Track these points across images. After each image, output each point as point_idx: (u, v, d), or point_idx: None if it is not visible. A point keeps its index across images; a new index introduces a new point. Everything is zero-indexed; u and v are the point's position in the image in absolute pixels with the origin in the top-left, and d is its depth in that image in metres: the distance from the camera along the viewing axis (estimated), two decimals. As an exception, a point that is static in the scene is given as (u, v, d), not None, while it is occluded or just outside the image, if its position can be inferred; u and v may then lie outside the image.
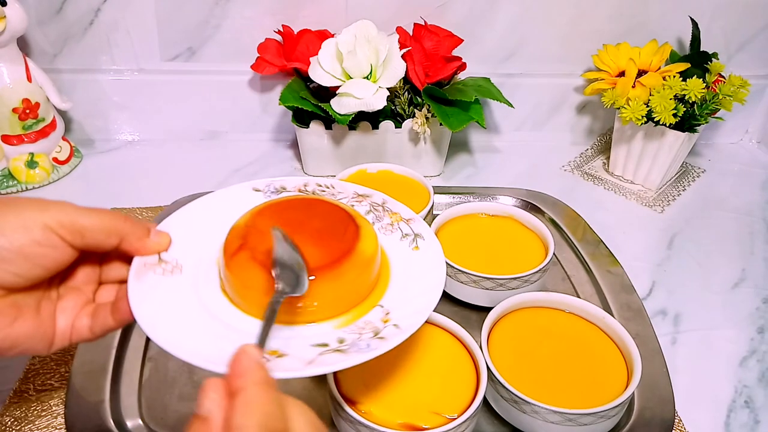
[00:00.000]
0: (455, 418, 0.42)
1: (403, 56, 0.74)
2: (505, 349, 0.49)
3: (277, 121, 0.89)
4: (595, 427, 0.45)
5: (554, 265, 0.66)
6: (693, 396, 0.53)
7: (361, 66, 0.72)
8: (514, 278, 0.55)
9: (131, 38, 0.80)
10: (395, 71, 0.73)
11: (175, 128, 0.88)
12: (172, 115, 0.87)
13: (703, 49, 0.80)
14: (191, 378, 0.52)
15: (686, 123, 0.76)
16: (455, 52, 0.78)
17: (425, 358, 0.48)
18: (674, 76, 0.75)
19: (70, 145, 0.82)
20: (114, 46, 0.81)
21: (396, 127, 0.77)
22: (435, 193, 0.67)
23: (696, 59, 0.79)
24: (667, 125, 0.75)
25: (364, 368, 0.46)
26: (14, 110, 0.74)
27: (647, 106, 0.75)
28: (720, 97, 0.74)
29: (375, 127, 0.77)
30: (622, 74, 0.79)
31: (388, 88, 0.73)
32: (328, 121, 0.76)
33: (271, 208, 0.45)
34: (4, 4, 0.69)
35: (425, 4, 0.80)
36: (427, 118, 0.76)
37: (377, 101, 0.72)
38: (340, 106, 0.72)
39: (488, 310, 0.52)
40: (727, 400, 0.54)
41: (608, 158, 0.86)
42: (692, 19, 0.81)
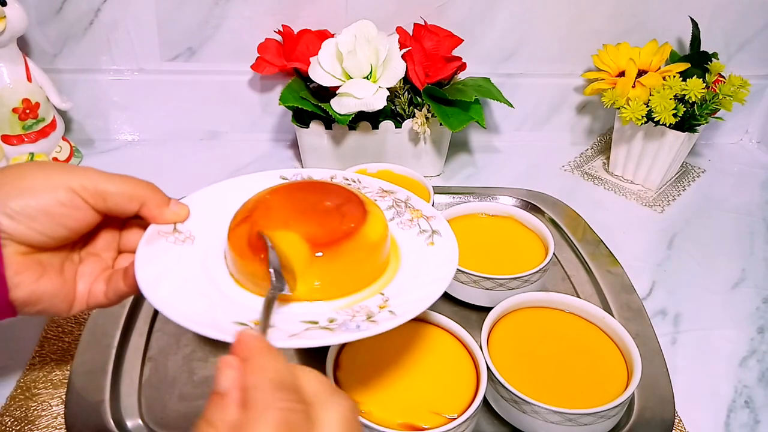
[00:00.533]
0: (455, 418, 0.42)
1: (403, 56, 0.74)
2: (505, 349, 0.49)
3: (277, 121, 0.89)
4: (595, 427, 0.45)
5: (554, 265, 0.66)
6: (693, 396, 0.53)
7: (361, 66, 0.72)
8: (514, 278, 0.55)
9: (131, 38, 0.80)
10: (395, 71, 0.73)
11: (175, 128, 0.88)
12: (172, 115, 0.87)
13: (703, 49, 0.80)
14: (191, 378, 0.52)
15: (686, 123, 0.76)
16: (455, 52, 0.78)
17: (425, 358, 0.48)
18: (674, 76, 0.75)
19: (70, 145, 0.82)
20: (114, 46, 0.81)
21: (396, 127, 0.77)
22: (435, 193, 0.67)
23: (696, 59, 0.79)
24: (667, 125, 0.75)
25: (364, 368, 0.46)
26: (14, 110, 0.74)
27: (647, 106, 0.75)
28: (720, 97, 0.74)
29: (375, 127, 0.77)
30: (622, 74, 0.79)
31: (388, 88, 0.73)
32: (328, 121, 0.76)
33: (283, 188, 0.45)
34: (4, 4, 0.69)
35: (425, 4, 0.80)
36: (427, 118, 0.76)
37: (377, 101, 0.72)
38: (340, 106, 0.72)
39: (488, 310, 0.52)
40: (727, 400, 0.54)
41: (608, 158, 0.86)
42: (692, 19, 0.81)
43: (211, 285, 0.40)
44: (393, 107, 0.77)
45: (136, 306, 0.57)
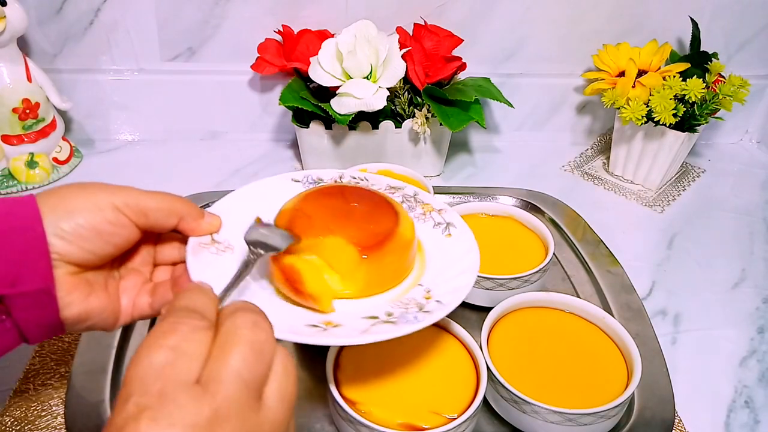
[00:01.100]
0: (455, 418, 0.42)
1: (403, 56, 0.74)
2: (505, 349, 0.49)
3: (277, 121, 0.89)
4: (595, 427, 0.45)
5: (554, 265, 0.66)
6: (693, 396, 0.53)
7: (361, 66, 0.72)
8: (514, 278, 0.55)
9: (131, 38, 0.80)
10: (395, 71, 0.73)
11: (175, 128, 0.88)
12: (172, 115, 0.87)
13: (703, 49, 0.80)
14: (191, 378, 0.52)
15: (686, 123, 0.76)
16: (455, 52, 0.78)
17: (425, 358, 0.48)
18: (674, 76, 0.75)
19: (70, 145, 0.82)
20: (114, 46, 0.81)
21: (396, 127, 0.77)
22: (435, 193, 0.67)
23: (696, 59, 0.79)
24: (667, 125, 0.75)
25: (364, 368, 0.46)
26: (14, 110, 0.74)
27: (647, 106, 0.75)
28: (720, 97, 0.74)
29: (375, 127, 0.77)
30: (622, 74, 0.79)
31: (388, 88, 0.73)
32: (328, 121, 0.76)
33: (311, 196, 0.47)
34: (4, 4, 0.69)
35: (425, 4, 0.80)
36: (427, 118, 0.76)
37: (377, 101, 0.72)
38: (340, 106, 0.72)
39: (488, 310, 0.52)
40: (727, 400, 0.54)
41: (608, 158, 0.86)
42: (692, 19, 0.81)
43: (260, 287, 0.43)
44: (393, 107, 0.77)
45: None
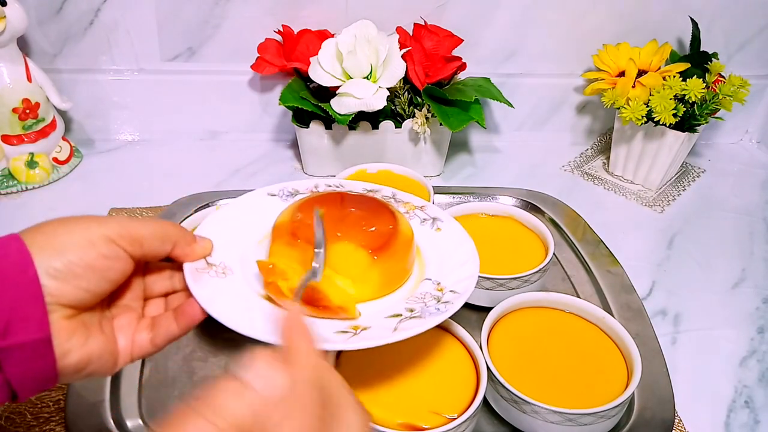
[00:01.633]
0: (455, 418, 0.42)
1: (403, 56, 0.74)
2: (505, 349, 0.49)
3: (277, 121, 0.89)
4: (595, 427, 0.45)
5: (554, 265, 0.66)
6: (693, 396, 0.53)
7: (361, 66, 0.72)
8: (514, 278, 0.55)
9: (131, 38, 0.80)
10: (395, 71, 0.73)
11: (175, 128, 0.88)
12: (172, 115, 0.87)
13: (703, 49, 0.80)
14: (191, 378, 0.52)
15: (686, 123, 0.76)
16: (455, 52, 0.78)
17: (425, 358, 0.48)
18: (674, 76, 0.75)
19: (70, 145, 0.82)
20: (114, 46, 0.81)
21: (396, 127, 0.77)
22: (435, 193, 0.67)
23: (696, 59, 0.79)
24: (667, 125, 0.75)
25: (364, 368, 0.46)
26: (14, 110, 0.74)
27: (647, 106, 0.75)
28: (720, 97, 0.74)
29: (375, 127, 0.77)
30: (622, 74, 0.79)
31: (388, 88, 0.73)
32: (328, 121, 0.76)
33: (308, 204, 0.47)
34: (4, 4, 0.69)
35: (425, 4, 0.80)
36: (427, 118, 0.76)
37: (377, 101, 0.72)
38: (340, 106, 0.72)
39: (488, 310, 0.52)
40: (727, 400, 0.54)
41: (608, 158, 0.86)
42: (692, 19, 0.81)
43: (271, 306, 0.42)
44: (393, 107, 0.77)
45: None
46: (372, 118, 0.76)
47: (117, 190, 0.77)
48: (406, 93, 0.76)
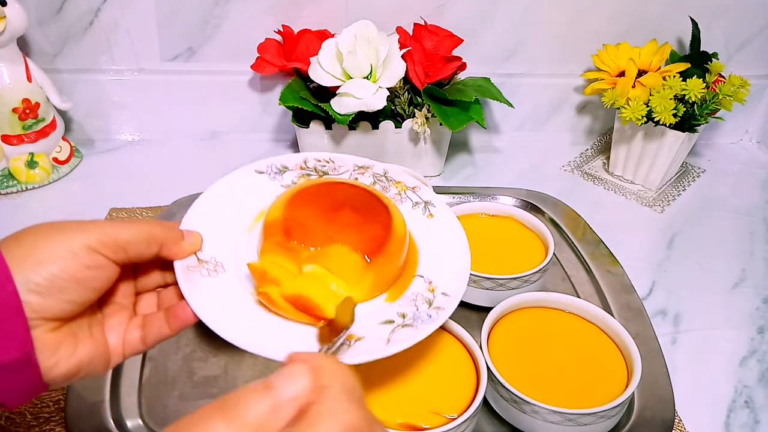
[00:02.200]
0: (455, 418, 0.42)
1: (403, 56, 0.73)
2: (505, 349, 0.49)
3: (277, 121, 0.89)
4: (595, 427, 0.45)
5: (554, 265, 0.66)
6: (693, 396, 0.53)
7: (361, 66, 0.72)
8: (514, 278, 0.55)
9: (131, 38, 0.80)
10: (395, 71, 0.73)
11: (175, 128, 0.88)
12: (172, 115, 0.87)
13: (703, 49, 0.80)
14: (191, 378, 0.52)
15: (686, 123, 0.76)
16: (455, 52, 0.78)
17: (425, 358, 0.48)
18: (674, 76, 0.75)
19: (70, 145, 0.82)
20: (114, 46, 0.81)
21: (396, 127, 0.77)
22: (435, 193, 0.67)
23: (696, 59, 0.79)
24: (667, 125, 0.75)
25: (364, 368, 0.46)
26: (14, 110, 0.74)
27: (647, 106, 0.75)
28: (720, 97, 0.74)
29: (375, 127, 0.77)
30: (622, 74, 0.79)
31: (388, 88, 0.73)
32: (328, 121, 0.76)
33: (299, 199, 0.45)
34: (4, 4, 0.69)
35: (425, 4, 0.80)
36: (427, 118, 0.76)
37: (377, 101, 0.72)
38: (340, 106, 0.72)
39: (488, 310, 0.52)
40: (727, 400, 0.54)
41: (608, 158, 0.86)
42: (692, 19, 0.81)
43: (266, 309, 0.40)
44: (393, 107, 0.77)
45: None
46: (372, 118, 0.76)
47: (117, 190, 0.77)
48: (406, 93, 0.76)
